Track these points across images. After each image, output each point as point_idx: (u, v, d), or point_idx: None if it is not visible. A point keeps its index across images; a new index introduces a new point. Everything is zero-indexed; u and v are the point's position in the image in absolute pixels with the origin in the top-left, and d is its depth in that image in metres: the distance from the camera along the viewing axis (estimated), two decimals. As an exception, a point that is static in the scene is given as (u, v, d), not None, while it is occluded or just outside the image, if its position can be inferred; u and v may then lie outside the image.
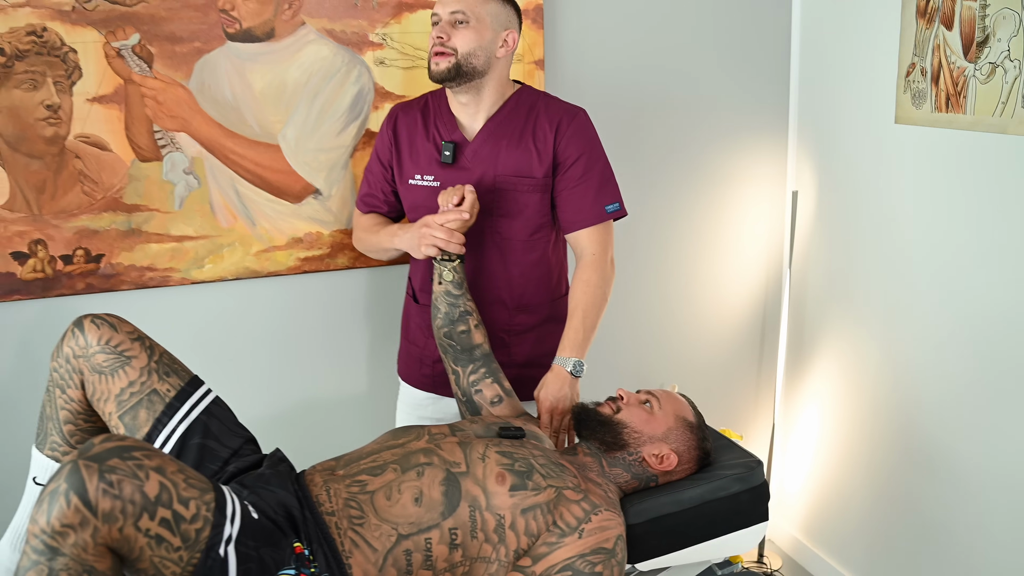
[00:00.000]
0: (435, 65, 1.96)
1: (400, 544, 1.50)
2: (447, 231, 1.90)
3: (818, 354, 2.74)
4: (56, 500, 1.16)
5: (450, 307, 1.94)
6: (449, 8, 1.95)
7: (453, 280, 1.93)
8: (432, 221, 1.93)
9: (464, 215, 1.90)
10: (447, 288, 1.94)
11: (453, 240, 1.90)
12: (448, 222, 1.90)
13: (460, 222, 1.90)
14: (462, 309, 1.94)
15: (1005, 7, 1.97)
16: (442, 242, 1.90)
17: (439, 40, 1.94)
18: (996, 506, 2.18)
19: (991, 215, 2.11)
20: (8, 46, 2.02)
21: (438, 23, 1.97)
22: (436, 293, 1.97)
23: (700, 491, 1.72)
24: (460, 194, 1.92)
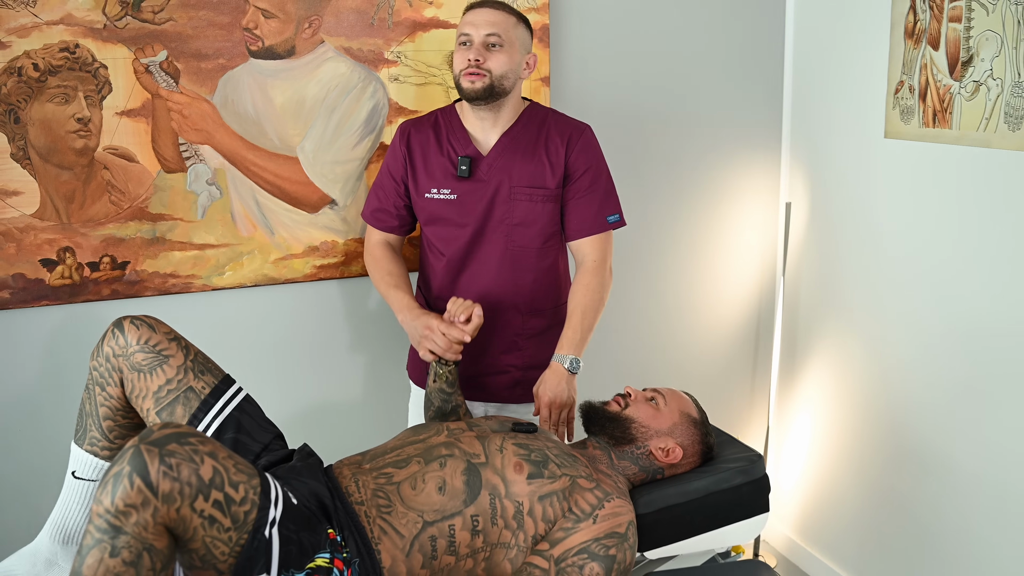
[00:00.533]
0: (470, 84, 2.04)
1: (426, 530, 1.59)
2: (447, 342, 1.98)
3: (811, 359, 2.84)
4: (120, 482, 1.25)
5: (443, 403, 2.01)
6: (484, 31, 2.03)
7: (447, 380, 2.00)
8: (436, 327, 2.00)
9: (466, 337, 1.97)
10: (441, 386, 2.01)
11: (451, 351, 1.98)
12: (450, 335, 1.98)
13: (460, 340, 1.98)
14: (453, 404, 2.01)
15: (988, 29, 2.09)
16: (440, 351, 1.99)
17: (475, 62, 2.02)
18: (984, 504, 2.28)
19: (975, 225, 2.22)
20: (42, 61, 2.10)
21: (468, 44, 2.04)
22: (430, 389, 2.03)
23: (704, 483, 1.82)
24: (469, 312, 1.98)
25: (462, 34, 2.07)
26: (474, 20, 2.05)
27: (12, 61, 2.07)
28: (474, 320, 1.99)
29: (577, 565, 1.59)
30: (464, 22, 2.07)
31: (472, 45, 2.04)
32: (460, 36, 2.07)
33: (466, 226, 2.15)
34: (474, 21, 2.05)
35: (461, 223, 2.15)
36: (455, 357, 1.99)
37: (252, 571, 1.38)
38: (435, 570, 1.60)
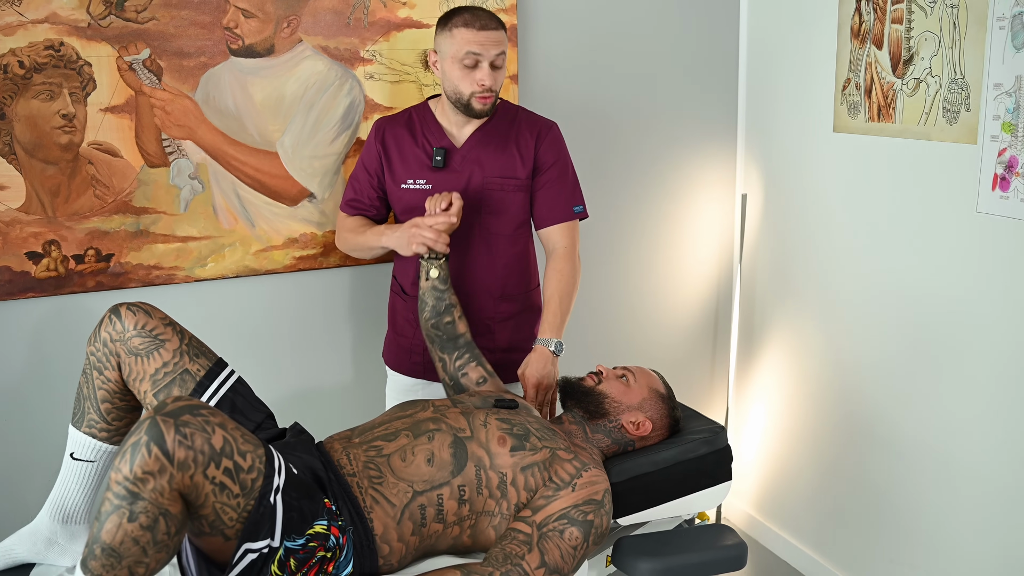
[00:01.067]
0: (483, 106, 2.12)
1: (415, 499, 1.69)
2: (435, 232, 2.07)
3: (767, 342, 2.99)
4: (138, 450, 1.33)
5: (437, 301, 2.12)
6: (494, 52, 2.08)
7: (439, 276, 2.11)
8: (421, 222, 2.10)
9: (452, 219, 2.07)
10: (434, 284, 2.12)
11: (440, 240, 2.08)
12: (436, 224, 2.08)
13: (447, 224, 2.08)
14: (447, 302, 2.12)
15: (927, 30, 2.25)
16: (431, 241, 2.08)
17: (489, 89, 2.09)
18: (932, 472, 2.43)
19: (917, 211, 2.38)
20: (27, 59, 2.16)
21: (477, 64, 2.08)
22: (423, 289, 2.14)
23: (672, 453, 1.95)
24: (448, 199, 2.09)
25: (468, 54, 2.08)
26: (482, 41, 2.07)
27: (-2, 59, 2.13)
28: (455, 203, 2.08)
29: (558, 530, 1.70)
30: (467, 41, 2.07)
31: (481, 68, 2.08)
32: (465, 56, 2.08)
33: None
34: (483, 43, 2.07)
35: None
36: (444, 249, 2.08)
37: (258, 536, 1.47)
38: (424, 537, 1.71)
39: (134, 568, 1.37)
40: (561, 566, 1.68)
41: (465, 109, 2.15)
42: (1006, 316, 2.17)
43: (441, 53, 2.14)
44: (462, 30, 2.08)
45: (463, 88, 2.12)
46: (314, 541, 1.55)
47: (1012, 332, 2.16)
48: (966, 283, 2.26)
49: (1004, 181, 2.09)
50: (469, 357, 2.13)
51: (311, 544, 1.55)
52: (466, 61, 2.09)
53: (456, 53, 2.09)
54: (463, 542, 1.75)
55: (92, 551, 1.36)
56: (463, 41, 2.08)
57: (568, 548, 1.69)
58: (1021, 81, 2.01)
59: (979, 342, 2.24)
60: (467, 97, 2.13)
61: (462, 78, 2.11)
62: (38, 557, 1.81)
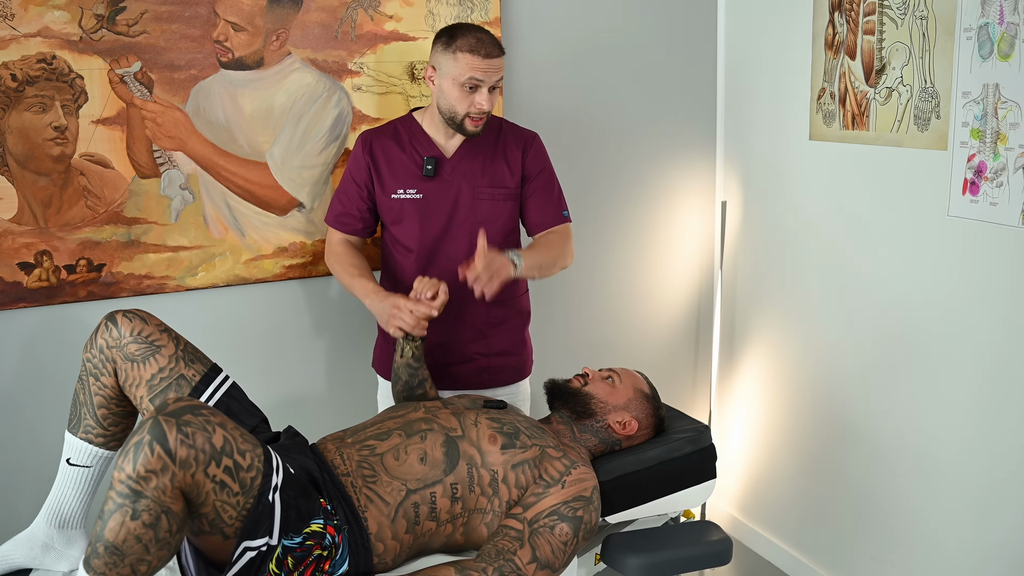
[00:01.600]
0: (475, 128, 2.16)
1: (409, 498, 1.73)
2: (415, 319, 2.05)
3: (748, 346, 3.05)
4: (141, 449, 1.37)
5: (410, 376, 2.12)
6: (495, 78, 2.12)
7: (413, 355, 2.11)
8: (403, 306, 2.07)
9: (432, 312, 2.05)
10: (408, 361, 2.12)
11: (419, 327, 2.06)
12: (417, 311, 2.05)
13: (427, 315, 2.05)
14: (420, 378, 2.13)
15: (898, 41, 2.33)
16: (408, 327, 2.06)
17: (487, 111, 2.13)
18: (908, 469, 2.50)
19: (890, 216, 2.45)
20: (20, 72, 2.19)
21: (476, 88, 2.11)
22: (398, 364, 2.14)
23: (658, 452, 2.00)
24: (435, 289, 2.07)
25: (473, 79, 2.10)
26: (487, 69, 2.09)
27: (-9, 72, 2.16)
28: (440, 296, 2.06)
29: (548, 526, 1.74)
30: (471, 67, 2.09)
31: (481, 92, 2.11)
32: (467, 81, 2.10)
33: (432, 223, 2.28)
34: (487, 70, 2.09)
35: (427, 221, 2.28)
36: (422, 333, 2.08)
37: (256, 534, 1.51)
38: (418, 535, 1.75)
39: (136, 566, 1.40)
40: (552, 561, 1.72)
41: (458, 128, 2.18)
42: (978, 316, 2.24)
43: (440, 71, 2.15)
44: (467, 56, 2.09)
45: (459, 108, 2.14)
46: (311, 539, 1.59)
47: (984, 332, 2.23)
48: (939, 285, 2.33)
49: (974, 186, 2.16)
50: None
51: (308, 543, 1.59)
52: (467, 85, 2.11)
53: (458, 77, 2.11)
54: (456, 540, 1.79)
55: (95, 549, 1.39)
56: (468, 67, 2.10)
57: (559, 543, 1.73)
58: (988, 89, 2.09)
59: (952, 343, 2.31)
60: (461, 117, 2.16)
61: (460, 99, 2.13)
62: (35, 562, 1.83)
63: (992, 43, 2.07)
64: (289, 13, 2.41)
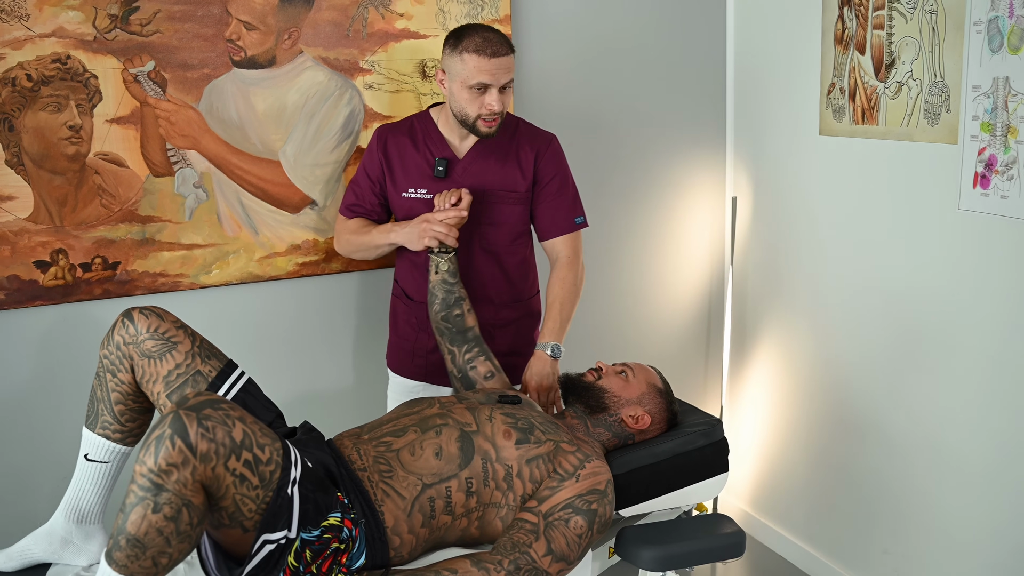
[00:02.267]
0: (489, 129, 2.16)
1: (425, 492, 1.74)
2: (446, 226, 2.13)
3: (758, 341, 3.06)
4: (162, 443, 1.38)
5: (446, 294, 2.19)
6: (505, 79, 2.11)
7: (449, 269, 2.18)
8: (432, 217, 2.15)
9: (462, 213, 2.14)
10: (443, 277, 2.18)
11: (451, 235, 2.14)
12: (447, 218, 2.14)
13: (458, 219, 2.15)
14: (457, 295, 2.19)
15: (907, 35, 2.33)
16: (441, 235, 2.14)
17: (498, 112, 2.13)
18: (918, 461, 2.50)
19: (901, 210, 2.46)
20: (35, 72, 2.21)
21: (484, 89, 2.11)
22: (433, 282, 2.20)
23: (671, 446, 2.01)
24: (458, 195, 2.16)
25: (480, 83, 2.09)
26: (494, 71, 2.09)
27: (6, 72, 2.18)
28: (465, 199, 2.13)
29: (563, 519, 1.75)
30: (479, 69, 2.08)
31: (491, 93, 2.11)
32: (476, 83, 2.09)
33: None
34: (494, 71, 2.09)
35: None
36: (454, 242, 2.15)
37: (275, 527, 1.52)
38: (434, 529, 1.76)
39: (158, 558, 1.42)
40: (567, 553, 1.73)
41: (471, 130, 2.19)
42: (988, 309, 2.24)
43: (450, 74, 2.15)
44: (473, 57, 2.08)
45: (470, 111, 2.15)
46: (328, 533, 1.60)
47: (994, 324, 2.23)
48: (949, 279, 2.33)
49: (984, 179, 2.17)
50: (478, 351, 2.18)
51: (326, 536, 1.60)
52: (477, 87, 2.11)
53: (466, 79, 2.11)
54: (471, 534, 1.81)
55: (117, 542, 1.41)
56: (475, 69, 2.09)
57: (573, 536, 1.74)
58: (998, 83, 2.09)
59: (963, 335, 2.32)
60: (473, 119, 2.16)
61: (470, 101, 2.13)
62: (54, 557, 1.84)
63: (1002, 36, 2.07)
64: (301, 12, 2.42)
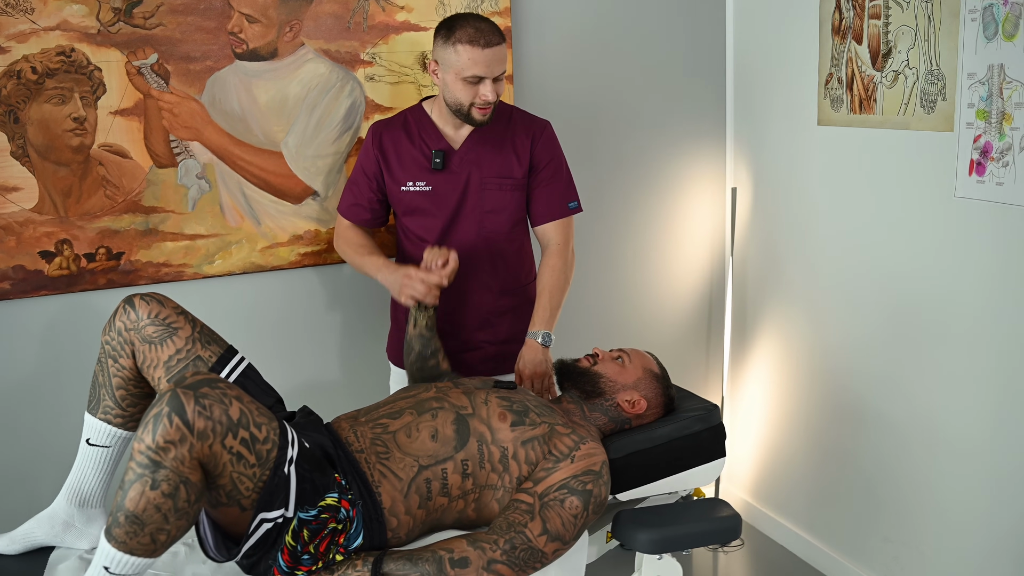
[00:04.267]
0: (483, 117, 2.17)
1: (421, 474, 1.76)
2: (426, 287, 2.11)
3: (759, 331, 3.07)
4: (160, 421, 1.41)
5: (423, 347, 2.16)
6: (496, 72, 2.13)
7: (427, 325, 2.16)
8: (414, 275, 2.13)
9: (443, 281, 2.11)
10: (421, 331, 2.16)
11: (430, 295, 2.12)
12: (428, 280, 2.11)
13: (439, 283, 2.11)
14: (433, 348, 2.17)
15: (904, 24, 2.34)
16: (420, 295, 2.12)
17: (490, 103, 2.14)
18: (920, 451, 2.51)
19: (898, 198, 2.46)
20: (40, 65, 2.24)
21: (477, 82, 2.13)
22: (410, 334, 2.18)
23: (667, 430, 2.02)
24: (445, 258, 2.12)
25: (474, 75, 2.11)
26: (487, 62, 2.10)
27: (12, 65, 2.21)
28: (451, 264, 2.12)
29: (558, 499, 1.77)
30: (472, 60, 2.09)
31: (485, 83, 2.13)
32: (471, 75, 2.11)
33: (441, 215, 2.31)
34: (486, 63, 2.10)
35: (437, 212, 2.31)
36: (434, 302, 2.13)
37: (272, 506, 1.55)
38: (430, 510, 1.78)
39: (156, 535, 1.44)
40: (562, 533, 1.75)
41: (465, 118, 2.20)
42: (984, 296, 2.25)
43: (442, 65, 2.16)
44: (466, 48, 2.10)
45: (464, 100, 2.16)
46: (326, 513, 1.63)
47: (992, 311, 2.24)
48: (947, 266, 2.34)
49: (980, 166, 2.18)
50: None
51: (323, 516, 1.62)
52: (470, 79, 2.13)
53: (460, 71, 2.12)
54: (468, 515, 1.83)
55: (116, 519, 1.43)
56: (468, 61, 2.10)
57: (569, 516, 1.76)
58: (993, 70, 2.10)
59: (960, 322, 2.32)
60: (467, 108, 2.18)
61: (464, 92, 2.15)
62: (56, 540, 1.87)
63: (997, 24, 2.08)
64: (302, 4, 2.45)
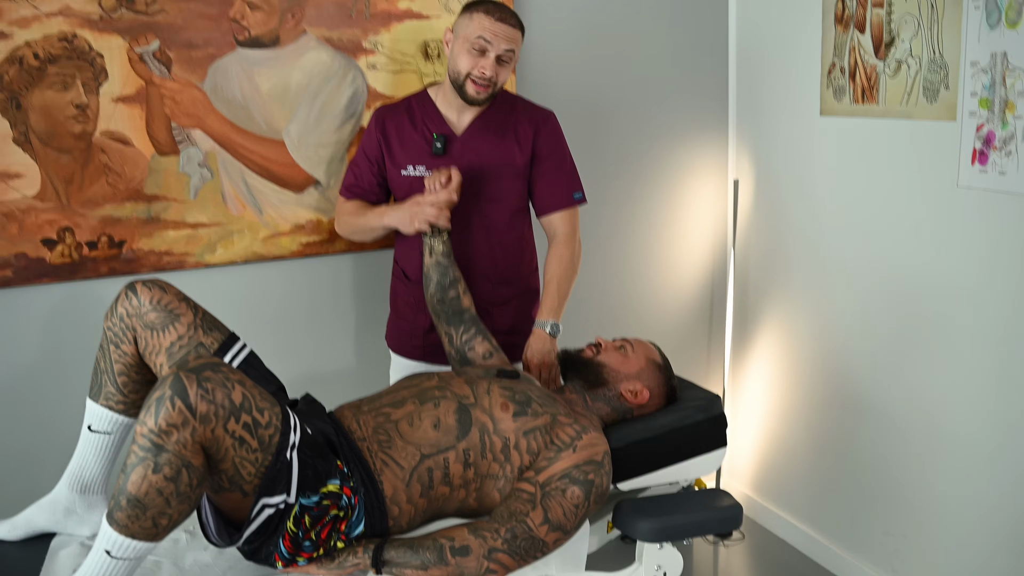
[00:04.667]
0: (476, 94, 2.17)
1: (423, 463, 1.76)
2: (437, 208, 2.14)
3: (761, 324, 3.06)
4: (163, 404, 1.41)
5: (441, 276, 2.19)
6: (504, 46, 2.14)
7: (443, 251, 2.19)
8: (422, 199, 2.17)
9: (452, 195, 2.15)
10: (437, 259, 2.19)
11: (442, 216, 2.15)
12: (437, 200, 2.15)
13: (448, 200, 2.15)
14: (452, 277, 2.20)
15: (907, 12, 2.34)
16: (432, 217, 2.15)
17: (489, 78, 2.15)
18: (917, 445, 2.50)
19: (902, 189, 2.46)
20: (42, 51, 2.24)
21: (483, 52, 2.14)
22: (427, 264, 2.21)
23: (669, 419, 2.02)
24: (447, 174, 2.16)
25: (479, 39, 2.13)
26: (495, 32, 2.13)
27: (14, 51, 2.21)
28: (455, 178, 2.13)
29: (560, 489, 1.77)
30: (482, 27, 2.13)
31: (487, 56, 2.14)
32: (475, 41, 2.13)
33: None
34: (495, 33, 2.13)
35: None
36: (446, 223, 2.15)
37: (274, 491, 1.55)
38: (432, 499, 1.78)
39: (158, 519, 1.44)
40: (564, 523, 1.75)
41: (460, 91, 2.20)
42: (987, 287, 2.25)
43: (456, 32, 2.20)
44: (481, 16, 2.14)
45: (463, 68, 2.17)
46: (328, 500, 1.63)
47: (994, 302, 2.24)
48: (949, 256, 2.34)
49: (983, 155, 2.17)
50: (475, 331, 2.19)
51: (325, 502, 1.62)
52: (475, 45, 2.14)
53: (468, 35, 2.15)
54: (470, 505, 1.82)
55: (118, 502, 1.43)
56: (478, 26, 2.14)
57: (570, 506, 1.76)
58: (996, 58, 2.10)
59: (963, 314, 2.32)
60: (463, 78, 2.18)
61: (466, 59, 2.16)
62: (57, 527, 1.87)
63: (1000, 11, 2.07)
64: (304, -8, 2.44)
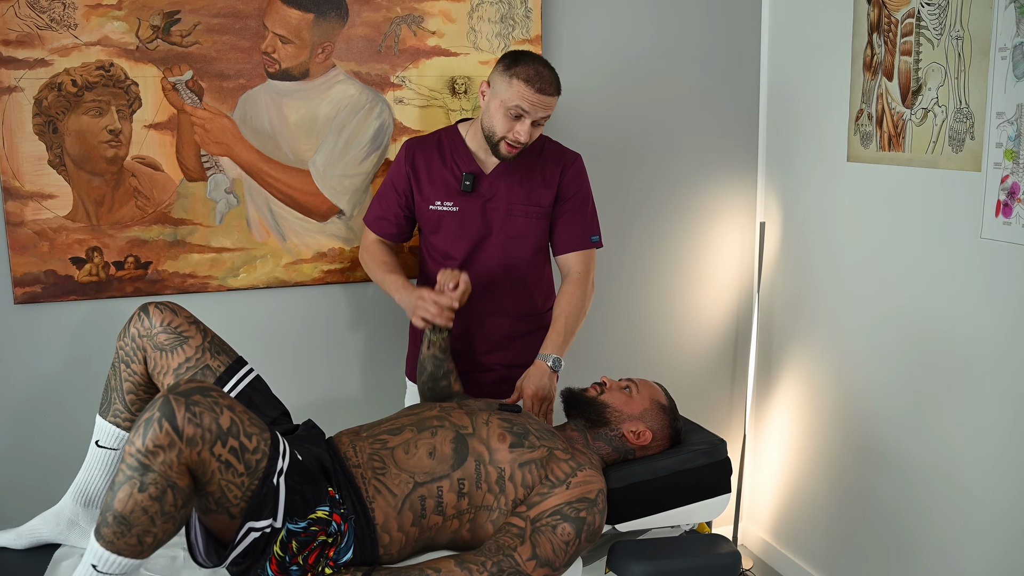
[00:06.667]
0: (508, 154, 2.20)
1: (416, 491, 1.76)
2: (438, 309, 2.13)
3: (783, 370, 3.02)
4: (151, 425, 1.44)
5: (435, 367, 2.19)
6: (541, 113, 2.16)
7: (440, 347, 2.18)
8: (427, 296, 2.15)
9: (455, 303, 2.13)
10: (435, 352, 2.18)
11: (443, 317, 2.13)
12: (440, 302, 2.13)
13: (449, 306, 2.13)
14: (445, 369, 2.19)
15: (934, 61, 2.31)
16: (432, 317, 2.14)
17: (523, 142, 2.17)
18: (937, 497, 2.44)
19: (924, 238, 2.41)
20: (80, 78, 2.33)
21: (520, 117, 2.16)
22: (424, 355, 2.21)
23: (671, 462, 2.00)
24: (457, 279, 2.15)
25: (519, 107, 2.14)
26: (534, 102, 2.13)
27: (53, 77, 2.30)
28: (462, 286, 2.14)
29: (551, 525, 1.76)
30: (521, 96, 2.13)
31: (523, 122, 2.16)
32: (513, 107, 2.14)
33: (466, 236, 2.34)
34: (534, 103, 2.14)
35: (462, 233, 2.34)
36: (446, 323, 2.14)
37: (260, 515, 1.56)
38: (424, 528, 1.78)
39: (143, 537, 1.47)
40: (552, 559, 1.73)
41: (493, 148, 2.23)
42: (1010, 339, 2.19)
43: (493, 90, 2.20)
44: (522, 85, 2.13)
45: (498, 130, 2.19)
46: (316, 525, 1.64)
47: (1016, 357, 2.17)
48: (972, 308, 2.28)
49: (1007, 207, 2.13)
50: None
51: (312, 528, 1.63)
52: (513, 112, 2.16)
53: (506, 101, 2.15)
54: (463, 536, 1.82)
55: (104, 518, 1.46)
56: (518, 95, 2.14)
57: (560, 543, 1.74)
58: (1022, 109, 2.06)
59: (985, 365, 2.26)
60: (497, 139, 2.21)
61: (502, 122, 2.18)
62: (60, 538, 1.92)
63: (1025, 62, 2.04)
64: (335, 27, 2.50)
